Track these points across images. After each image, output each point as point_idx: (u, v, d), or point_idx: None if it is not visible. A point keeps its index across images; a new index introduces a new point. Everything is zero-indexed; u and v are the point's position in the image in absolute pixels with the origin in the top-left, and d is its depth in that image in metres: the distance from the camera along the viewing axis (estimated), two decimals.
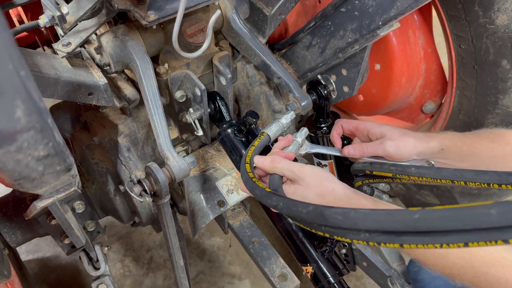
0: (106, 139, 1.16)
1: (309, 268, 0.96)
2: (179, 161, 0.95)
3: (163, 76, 1.10)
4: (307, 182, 0.78)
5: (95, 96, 1.00)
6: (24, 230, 1.16)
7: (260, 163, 0.85)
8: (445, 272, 0.71)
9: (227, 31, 1.16)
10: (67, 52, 0.96)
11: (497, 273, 0.65)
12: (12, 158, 0.43)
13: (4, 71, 0.35)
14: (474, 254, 0.67)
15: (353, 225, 0.51)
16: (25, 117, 0.40)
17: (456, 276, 0.70)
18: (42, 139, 0.44)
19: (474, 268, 0.67)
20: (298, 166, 0.80)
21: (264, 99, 1.33)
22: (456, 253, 0.68)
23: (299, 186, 0.80)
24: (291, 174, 0.80)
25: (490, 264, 0.66)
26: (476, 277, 0.67)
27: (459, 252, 0.68)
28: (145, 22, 0.95)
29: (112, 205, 1.23)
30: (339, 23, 1.13)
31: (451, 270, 0.70)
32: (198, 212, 1.17)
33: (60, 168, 0.53)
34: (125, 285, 1.77)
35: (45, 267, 1.82)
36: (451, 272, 0.70)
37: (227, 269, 1.83)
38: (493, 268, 0.66)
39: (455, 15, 1.21)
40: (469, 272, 0.68)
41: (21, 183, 0.51)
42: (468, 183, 0.70)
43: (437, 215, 0.45)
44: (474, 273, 0.67)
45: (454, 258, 0.68)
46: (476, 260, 0.67)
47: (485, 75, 1.24)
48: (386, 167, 0.86)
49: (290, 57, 1.31)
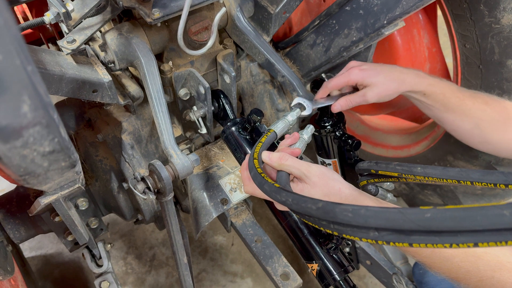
0: (110, 136, 1.16)
1: (315, 265, 0.96)
2: (183, 159, 0.95)
3: (167, 74, 1.10)
4: (313, 181, 0.78)
5: (100, 93, 1.00)
6: (27, 227, 1.17)
7: (268, 158, 0.85)
8: (451, 276, 0.70)
9: (231, 29, 1.15)
10: (72, 49, 0.95)
11: (502, 277, 0.65)
12: (17, 154, 0.43)
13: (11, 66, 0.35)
14: (480, 258, 0.67)
15: (364, 222, 0.51)
16: (31, 112, 0.40)
17: (462, 279, 0.69)
18: (47, 134, 0.44)
19: (480, 272, 0.66)
20: (306, 165, 0.80)
21: (267, 98, 1.33)
22: (461, 257, 0.68)
23: (305, 185, 0.80)
24: (298, 172, 0.80)
25: (496, 268, 0.66)
26: (481, 281, 0.67)
27: (465, 256, 0.67)
28: (149, 19, 0.95)
29: (115, 203, 1.23)
30: (343, 22, 1.13)
31: (457, 274, 0.69)
32: (201, 210, 1.17)
33: (65, 164, 0.53)
34: (128, 282, 1.78)
35: (48, 264, 1.82)
36: (457, 275, 0.69)
37: (229, 268, 1.83)
38: (499, 273, 0.65)
39: (460, 15, 1.21)
40: (474, 276, 0.67)
41: (26, 179, 0.51)
42: (475, 183, 0.70)
43: (449, 214, 0.45)
44: (479, 277, 0.67)
45: (459, 262, 0.68)
46: (482, 264, 0.66)
47: (490, 75, 1.23)
48: (391, 166, 0.86)
49: (294, 56, 1.31)
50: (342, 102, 1.08)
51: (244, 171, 0.87)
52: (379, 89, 1.02)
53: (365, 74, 1.03)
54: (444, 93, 1.01)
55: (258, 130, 1.10)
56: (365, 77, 1.03)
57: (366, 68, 1.04)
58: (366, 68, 1.04)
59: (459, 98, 1.00)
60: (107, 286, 1.23)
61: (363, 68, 1.04)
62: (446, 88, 1.01)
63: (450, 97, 1.00)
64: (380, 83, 1.02)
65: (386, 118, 1.87)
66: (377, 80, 1.02)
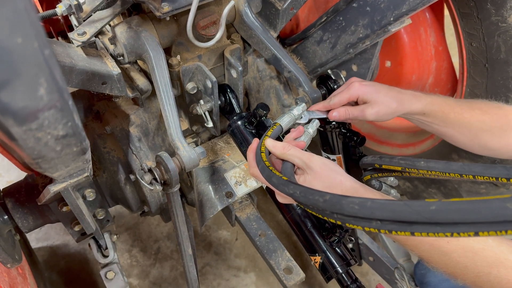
0: (118, 128, 1.18)
1: (318, 258, 0.97)
2: (189, 151, 0.97)
3: (175, 67, 1.12)
4: (315, 172, 0.79)
5: (109, 85, 1.01)
6: (35, 216, 1.18)
7: (272, 146, 0.86)
8: (448, 271, 0.71)
9: (239, 24, 1.17)
10: (82, 41, 0.97)
11: (499, 273, 0.66)
12: (33, 136, 0.45)
13: (30, 49, 0.36)
14: (478, 254, 0.67)
15: (370, 214, 0.52)
16: (47, 95, 0.41)
17: (459, 275, 0.70)
18: (62, 118, 0.45)
19: (477, 268, 0.67)
20: (308, 155, 0.81)
21: (273, 93, 1.34)
22: (459, 252, 0.68)
23: (307, 175, 0.81)
24: (300, 162, 0.81)
25: (493, 264, 0.66)
26: (478, 277, 0.67)
27: (463, 251, 0.68)
28: (159, 13, 0.97)
29: (122, 194, 1.25)
30: (350, 19, 1.13)
31: (454, 269, 0.70)
32: (206, 202, 1.18)
33: (77, 149, 0.55)
34: (132, 274, 1.80)
35: (54, 255, 1.85)
36: (454, 270, 0.70)
37: (233, 262, 1.84)
38: (496, 269, 0.66)
39: (467, 13, 1.21)
40: (471, 272, 0.68)
41: (39, 162, 0.52)
42: (477, 177, 0.71)
43: (453, 207, 0.46)
44: (476, 273, 0.67)
45: (457, 257, 0.69)
46: (479, 260, 0.67)
47: (496, 73, 1.23)
48: (395, 161, 0.87)
49: (300, 52, 1.32)
50: (342, 112, 1.08)
51: (250, 153, 0.89)
52: (379, 107, 1.02)
53: (366, 90, 1.03)
54: (442, 110, 1.01)
55: (264, 124, 1.11)
56: (366, 92, 1.03)
57: (366, 84, 1.05)
58: (367, 84, 1.05)
59: (457, 112, 1.00)
60: (112, 276, 1.25)
61: (364, 84, 1.05)
62: (443, 104, 1.02)
63: (448, 112, 1.01)
64: (380, 102, 1.02)
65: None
66: (378, 98, 1.02)
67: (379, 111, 1.02)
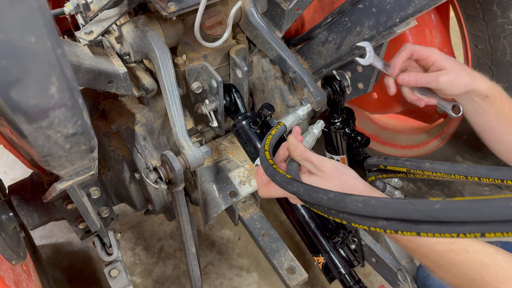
0: (123, 127, 1.18)
1: (321, 258, 0.98)
2: (194, 150, 0.97)
3: (180, 67, 1.12)
4: (328, 175, 0.79)
5: (115, 84, 1.02)
6: (40, 214, 1.19)
7: (295, 147, 0.83)
8: (455, 282, 0.71)
9: (244, 24, 1.17)
10: (89, 40, 0.98)
11: None
12: (43, 134, 0.45)
13: (42, 48, 0.37)
14: (487, 268, 0.67)
15: (374, 212, 0.52)
16: (58, 94, 0.41)
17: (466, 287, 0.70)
18: (72, 116, 0.46)
19: (485, 282, 0.67)
20: (321, 159, 0.81)
21: (278, 94, 1.34)
22: (468, 264, 0.68)
23: (318, 178, 0.80)
24: (311, 166, 0.81)
25: (502, 280, 0.66)
26: None
27: (472, 264, 0.68)
28: (165, 13, 0.97)
29: (126, 192, 1.25)
30: (356, 19, 1.13)
31: (462, 281, 0.70)
32: (210, 201, 1.19)
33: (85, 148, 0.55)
34: (135, 273, 1.81)
35: (58, 252, 1.86)
36: (461, 282, 0.70)
37: (235, 262, 1.85)
38: (504, 285, 0.65)
39: (472, 15, 1.21)
40: (478, 285, 0.68)
41: (47, 160, 0.53)
42: (482, 179, 0.71)
43: (457, 205, 0.46)
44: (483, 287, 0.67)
45: (465, 269, 0.68)
46: (487, 274, 0.67)
47: (501, 75, 1.23)
48: (400, 162, 0.87)
49: (305, 53, 1.32)
50: (412, 76, 1.01)
51: (261, 176, 0.87)
52: (454, 76, 0.96)
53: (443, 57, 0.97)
54: (501, 98, 0.97)
55: (269, 124, 1.12)
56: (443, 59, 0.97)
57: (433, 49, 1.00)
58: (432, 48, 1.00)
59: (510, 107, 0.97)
60: (116, 274, 1.25)
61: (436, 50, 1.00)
62: (502, 94, 0.97)
63: (504, 103, 0.96)
64: (456, 71, 0.96)
65: (396, 118, 1.87)
66: (450, 66, 0.96)
67: (453, 80, 0.96)
